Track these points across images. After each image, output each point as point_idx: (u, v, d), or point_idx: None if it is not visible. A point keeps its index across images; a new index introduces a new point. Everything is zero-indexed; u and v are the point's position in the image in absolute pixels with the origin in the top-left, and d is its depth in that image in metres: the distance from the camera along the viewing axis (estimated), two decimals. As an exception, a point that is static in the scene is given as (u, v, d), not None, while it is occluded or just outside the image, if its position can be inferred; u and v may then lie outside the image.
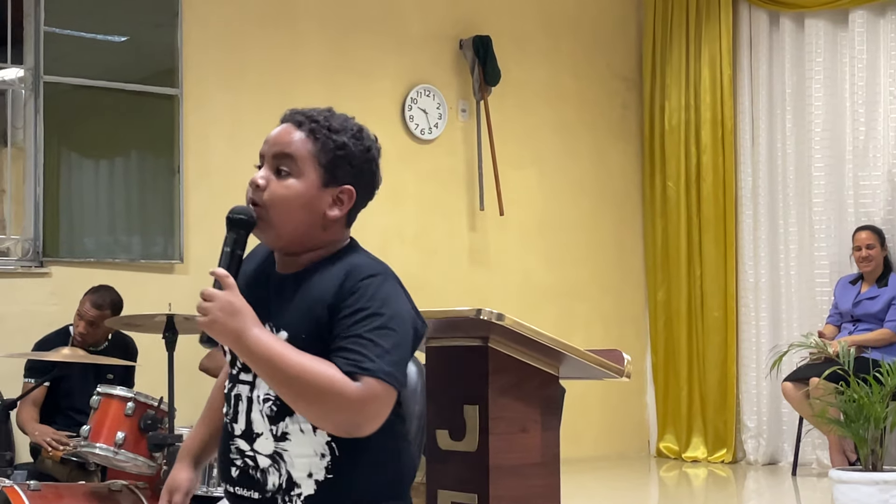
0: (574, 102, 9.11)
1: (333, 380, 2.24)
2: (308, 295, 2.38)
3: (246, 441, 2.44)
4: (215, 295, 2.29)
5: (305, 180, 2.40)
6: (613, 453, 8.98)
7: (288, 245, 2.44)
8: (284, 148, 2.42)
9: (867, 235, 7.74)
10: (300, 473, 2.39)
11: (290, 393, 2.29)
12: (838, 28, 8.39)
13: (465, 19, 8.60)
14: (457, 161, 8.54)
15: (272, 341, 2.29)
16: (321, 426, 2.33)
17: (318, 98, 7.90)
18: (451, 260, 8.46)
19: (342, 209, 2.45)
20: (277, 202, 2.39)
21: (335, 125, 2.47)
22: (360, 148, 2.48)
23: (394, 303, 2.35)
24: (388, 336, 2.30)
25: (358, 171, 2.47)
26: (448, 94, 8.51)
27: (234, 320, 2.28)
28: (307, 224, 2.41)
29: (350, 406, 2.24)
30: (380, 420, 2.29)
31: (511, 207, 8.59)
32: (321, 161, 2.41)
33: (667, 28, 9.17)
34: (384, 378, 2.26)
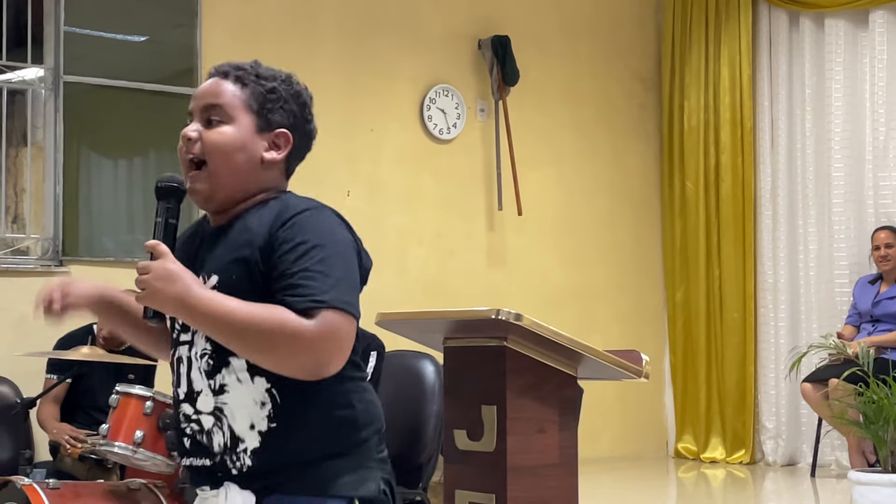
0: (592, 103, 9.10)
1: (286, 321, 2.14)
2: (238, 236, 2.30)
3: (189, 403, 2.33)
4: (150, 266, 2.21)
5: (239, 125, 2.35)
6: (631, 454, 8.96)
7: (225, 197, 2.35)
8: (213, 98, 2.37)
9: (886, 235, 7.72)
10: (242, 426, 2.26)
11: (244, 346, 2.19)
12: (858, 28, 8.36)
13: (483, 19, 8.60)
14: (475, 161, 8.54)
15: (215, 297, 2.20)
16: (285, 372, 2.19)
17: (336, 98, 7.92)
18: (469, 260, 8.46)
19: (279, 153, 2.38)
20: (214, 149, 2.34)
21: (262, 73, 2.45)
22: (290, 92, 2.44)
23: (334, 232, 2.29)
24: (336, 265, 2.22)
25: (291, 115, 2.41)
26: (467, 94, 8.51)
27: (173, 286, 2.19)
28: (246, 169, 2.35)
29: (310, 345, 2.14)
30: (345, 353, 2.19)
31: (529, 208, 8.59)
32: (253, 107, 2.38)
33: (686, 28, 9.15)
34: (341, 307, 2.17)
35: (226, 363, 2.27)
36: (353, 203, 7.97)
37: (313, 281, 2.18)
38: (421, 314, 3.35)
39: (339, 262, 2.24)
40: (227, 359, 2.27)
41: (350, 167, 7.99)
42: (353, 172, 8.00)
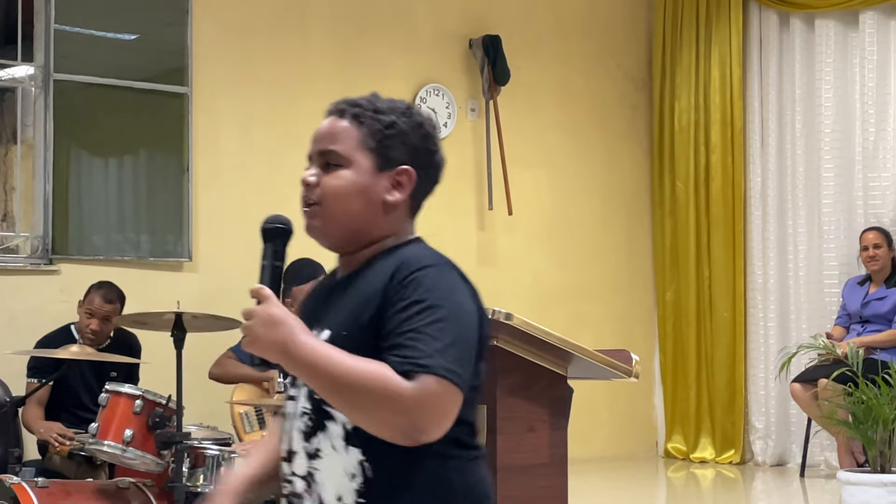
0: (583, 103, 9.11)
1: (385, 380, 2.00)
2: (357, 290, 2.19)
3: (287, 463, 2.23)
4: (254, 311, 2.10)
5: (357, 168, 2.23)
6: (621, 454, 8.97)
7: (347, 241, 2.25)
8: (328, 142, 2.27)
9: (874, 235, 7.74)
10: (329, 496, 2.15)
11: (341, 400, 2.07)
12: (849, 29, 8.38)
13: (474, 19, 8.60)
14: (466, 160, 8.54)
15: (318, 346, 2.08)
16: (382, 435, 2.05)
17: (327, 97, 7.87)
18: (459, 259, 8.29)
19: (403, 192, 2.26)
20: (331, 195, 2.22)
21: (380, 106, 2.28)
22: (410, 125, 2.28)
23: (454, 295, 2.13)
24: (448, 330, 2.05)
25: (413, 150, 2.28)
26: (457, 93, 8.51)
27: (275, 332, 2.07)
28: (366, 213, 2.23)
29: (407, 408, 2.00)
30: (445, 422, 2.04)
31: (520, 207, 8.59)
32: (370, 145, 2.24)
33: (677, 29, 9.17)
34: (443, 374, 2.01)
35: (323, 427, 2.17)
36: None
37: (420, 343, 2.03)
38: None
39: (451, 327, 2.07)
40: (325, 422, 2.17)
41: (341, 166, 7.98)
42: (343, 171, 7.99)
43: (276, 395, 4.65)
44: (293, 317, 2.11)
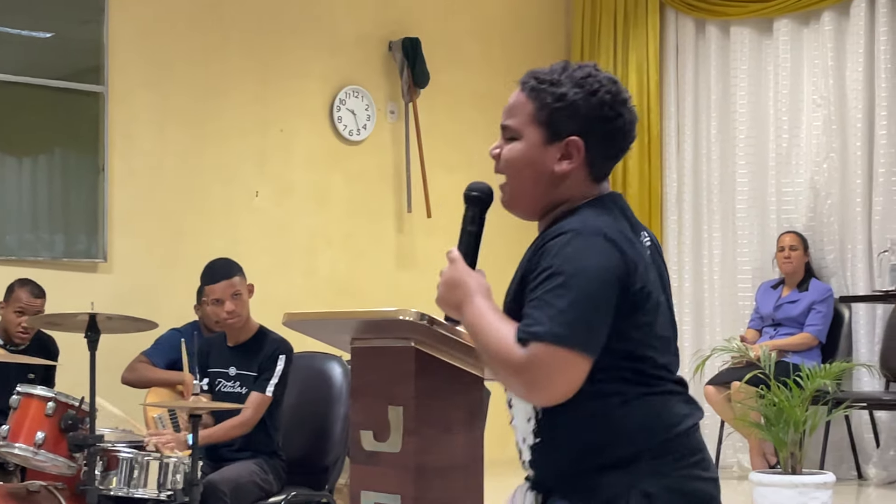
0: (502, 106, 9.04)
1: (505, 347, 2.20)
2: (524, 257, 2.40)
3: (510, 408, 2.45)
4: (442, 272, 2.39)
5: (526, 140, 2.40)
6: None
7: (530, 210, 2.46)
8: (507, 115, 2.45)
9: (791, 238, 7.86)
10: (520, 438, 2.40)
11: (483, 359, 2.31)
12: (763, 36, 8.50)
13: (394, 21, 8.60)
14: (385, 163, 8.53)
15: (484, 310, 2.29)
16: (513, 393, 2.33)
17: (246, 98, 7.87)
18: (378, 262, 8.45)
19: (571, 163, 2.37)
20: (507, 167, 2.45)
21: (557, 77, 2.40)
22: (581, 95, 2.36)
23: (580, 260, 2.23)
24: (565, 295, 2.19)
25: (584, 120, 2.35)
26: (377, 95, 8.50)
27: (454, 293, 2.34)
28: (535, 183, 2.41)
29: (517, 373, 2.18)
30: (558, 387, 2.19)
31: (439, 210, 8.60)
32: (540, 119, 2.38)
33: (595, 34, 9.23)
34: (552, 340, 2.16)
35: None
36: (261, 203, 7.93)
37: (537, 310, 2.20)
38: (327, 314, 3.35)
39: (570, 293, 2.20)
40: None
41: (259, 167, 7.95)
42: (262, 172, 7.96)
43: (192, 398, 4.60)
44: (475, 280, 2.36)
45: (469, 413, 3.14)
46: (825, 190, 8.09)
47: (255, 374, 4.96)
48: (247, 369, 4.99)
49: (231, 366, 5.02)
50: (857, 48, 7.96)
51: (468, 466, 3.13)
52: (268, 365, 4.93)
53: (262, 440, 4.94)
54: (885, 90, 7.81)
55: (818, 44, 8.20)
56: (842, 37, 8.10)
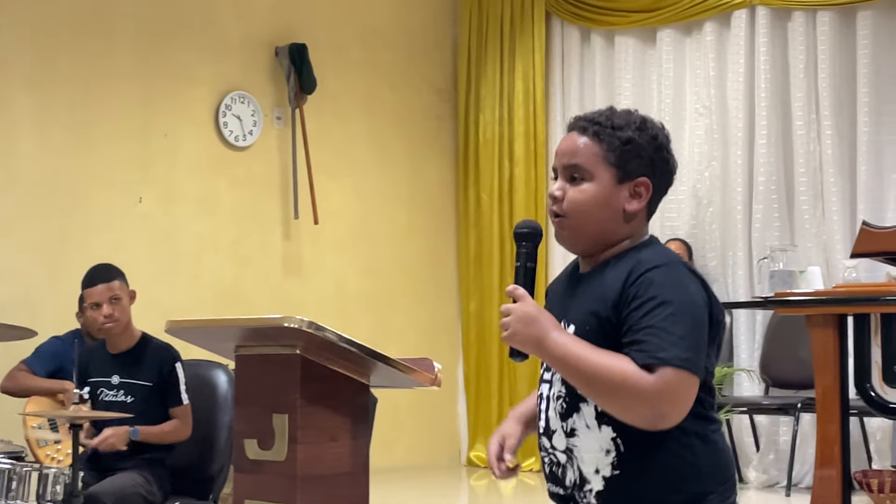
0: (390, 114, 9.14)
1: (627, 374, 2.31)
2: (596, 289, 2.48)
3: (546, 438, 2.57)
4: (511, 309, 2.46)
5: (599, 181, 2.51)
6: (425, 463, 9.02)
7: (592, 246, 2.54)
8: (573, 157, 2.53)
9: (675, 246, 7.96)
10: (589, 469, 2.47)
11: (590, 390, 2.40)
12: (647, 46, 8.62)
13: (281, 27, 8.55)
14: (271, 169, 8.48)
15: (569, 342, 2.40)
16: (626, 420, 2.37)
17: (130, 102, 7.76)
18: (264, 269, 8.39)
19: (641, 202, 2.54)
20: (576, 207, 2.52)
21: (617, 122, 2.55)
22: (645, 138, 2.54)
23: (682, 289, 2.39)
24: (680, 323, 2.34)
25: (649, 162, 2.54)
26: (263, 101, 8.45)
27: (532, 328, 2.42)
28: (608, 221, 2.51)
29: (648, 399, 2.30)
30: (684, 408, 2.34)
31: (326, 217, 8.58)
32: (610, 160, 2.51)
33: (482, 42, 9.28)
34: (680, 365, 2.30)
35: (577, 409, 2.49)
36: (145, 209, 7.82)
37: (656, 338, 2.33)
38: (211, 321, 3.31)
39: (684, 320, 2.35)
40: (578, 404, 2.48)
41: (143, 173, 7.84)
42: (146, 178, 7.85)
43: (72, 407, 4.52)
44: (547, 314, 2.45)
45: (355, 421, 3.13)
46: (707, 198, 8.22)
47: (143, 382, 4.89)
48: (131, 377, 4.92)
49: (114, 374, 4.95)
50: (738, 58, 8.11)
51: (354, 474, 3.12)
52: (167, 377, 4.89)
53: (146, 450, 4.88)
54: (765, 100, 7.97)
55: (700, 54, 8.34)
56: (723, 47, 8.25)
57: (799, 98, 7.88)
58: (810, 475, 6.40)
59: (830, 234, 7.73)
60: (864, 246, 5.06)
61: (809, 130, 7.86)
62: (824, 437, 4.82)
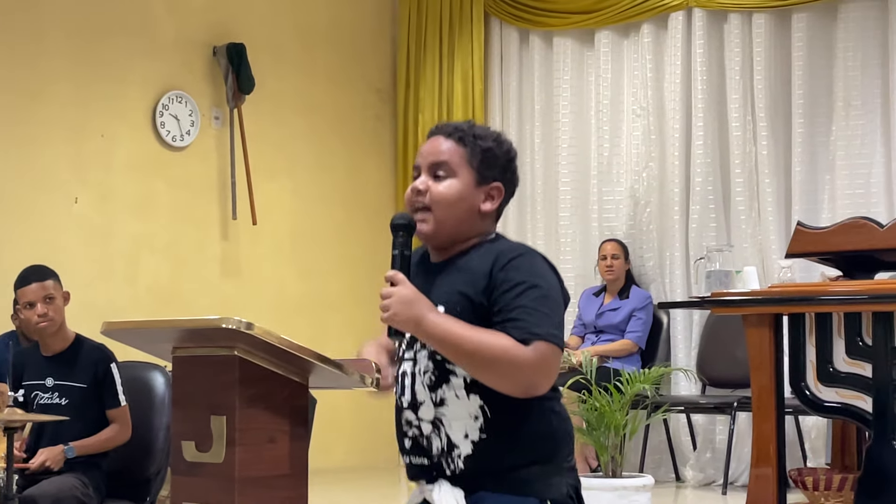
0: (328, 114, 9.12)
1: (506, 347, 2.59)
2: (462, 273, 2.75)
3: (412, 411, 2.80)
4: (391, 292, 2.68)
5: (462, 180, 2.79)
6: (364, 464, 9.00)
7: (448, 239, 2.80)
8: (440, 156, 2.80)
9: (612, 246, 8.02)
10: (458, 435, 2.72)
11: (470, 364, 2.65)
12: (585, 47, 8.66)
13: (218, 26, 8.50)
14: (209, 169, 8.43)
15: (447, 322, 2.65)
16: (502, 389, 2.63)
17: (64, 102, 7.68)
18: (202, 270, 8.34)
19: (494, 203, 2.82)
20: (441, 200, 2.78)
21: (478, 132, 2.83)
22: (501, 150, 2.84)
23: (545, 274, 2.70)
24: (547, 303, 2.65)
25: (502, 170, 2.84)
26: (201, 101, 8.40)
27: (411, 309, 2.66)
28: (466, 217, 2.79)
29: (527, 368, 2.59)
30: (552, 378, 2.65)
31: (264, 217, 8.54)
32: (472, 164, 2.79)
33: (420, 42, 9.29)
34: (551, 339, 2.61)
35: (446, 380, 2.74)
36: (81, 210, 7.75)
37: (529, 316, 2.62)
38: (147, 323, 3.28)
39: (549, 302, 2.66)
40: (448, 377, 2.73)
41: (79, 173, 7.76)
42: (82, 179, 7.78)
43: (7, 410, 4.47)
44: (423, 297, 2.67)
45: (293, 422, 3.11)
46: (644, 198, 8.28)
47: (77, 384, 4.85)
48: (65, 379, 4.87)
49: (48, 377, 4.90)
50: (675, 60, 8.17)
51: (292, 476, 3.11)
52: (103, 379, 4.85)
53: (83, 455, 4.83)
54: (702, 101, 8.04)
55: (638, 55, 8.40)
56: (660, 48, 8.31)
57: (735, 100, 7.96)
58: (746, 473, 6.47)
59: (766, 234, 7.81)
60: (798, 246, 5.12)
61: (745, 132, 7.94)
62: (760, 435, 4.87)
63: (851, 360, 4.64)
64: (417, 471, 2.81)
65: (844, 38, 7.70)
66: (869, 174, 7.58)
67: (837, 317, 4.68)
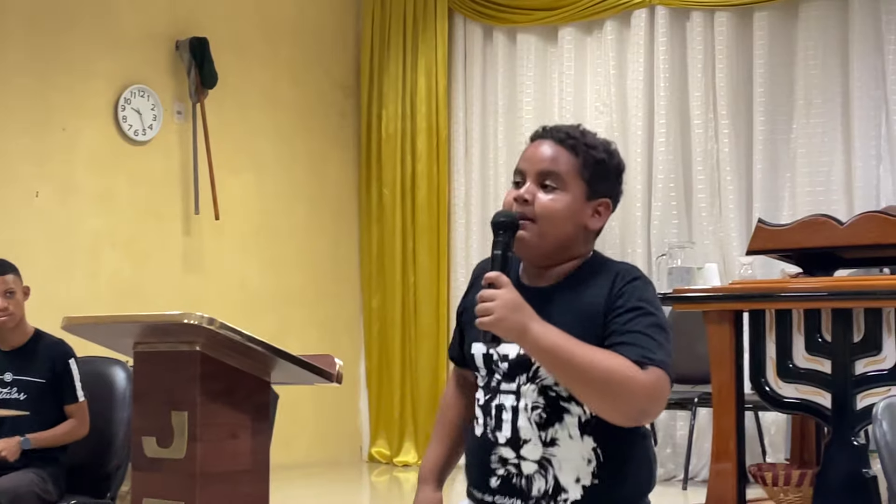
0: (292, 109, 9.10)
1: (624, 368, 2.37)
2: (577, 299, 2.52)
3: (511, 449, 2.55)
4: (496, 294, 2.39)
5: (571, 193, 2.55)
6: (326, 459, 9.00)
7: (552, 255, 2.57)
8: (551, 165, 2.55)
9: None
10: (568, 478, 2.51)
11: (579, 383, 2.40)
12: (548, 44, 8.68)
13: (181, 20, 8.47)
14: (172, 164, 8.40)
15: (558, 334, 2.39)
16: (611, 416, 2.42)
17: (24, 95, 7.62)
18: (164, 265, 8.31)
19: (601, 221, 2.61)
20: (547, 214, 2.53)
21: (591, 141, 2.60)
22: (613, 163, 2.62)
23: (658, 303, 2.54)
24: (661, 332, 2.47)
25: (612, 185, 2.63)
26: (163, 95, 8.36)
27: (519, 315, 2.37)
28: (572, 235, 2.56)
29: (642, 392, 2.38)
30: (661, 408, 2.46)
31: (227, 212, 8.51)
32: (584, 176, 2.56)
33: (384, 38, 9.28)
34: (666, 368, 2.42)
35: (560, 419, 2.52)
36: (42, 204, 7.70)
37: (644, 341, 2.43)
38: (109, 318, 3.27)
39: (663, 331, 2.48)
40: (561, 415, 2.52)
41: (39, 167, 7.72)
42: (42, 173, 7.73)
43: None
44: (527, 304, 2.41)
45: (255, 418, 3.11)
46: (607, 195, 8.30)
47: (36, 379, 4.83)
48: (24, 374, 4.84)
49: (7, 371, 4.87)
50: (638, 57, 8.21)
51: (254, 472, 3.11)
52: (61, 374, 4.83)
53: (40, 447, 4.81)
54: (664, 98, 8.07)
55: (601, 52, 8.43)
56: (623, 46, 8.34)
57: (697, 97, 8.00)
58: (707, 469, 6.50)
59: (727, 231, 7.85)
60: (759, 243, 5.15)
61: (707, 129, 7.98)
62: (720, 431, 4.90)
63: (811, 357, 4.68)
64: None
65: (805, 36, 7.76)
66: (829, 172, 7.64)
67: (797, 313, 4.71)
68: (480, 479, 2.61)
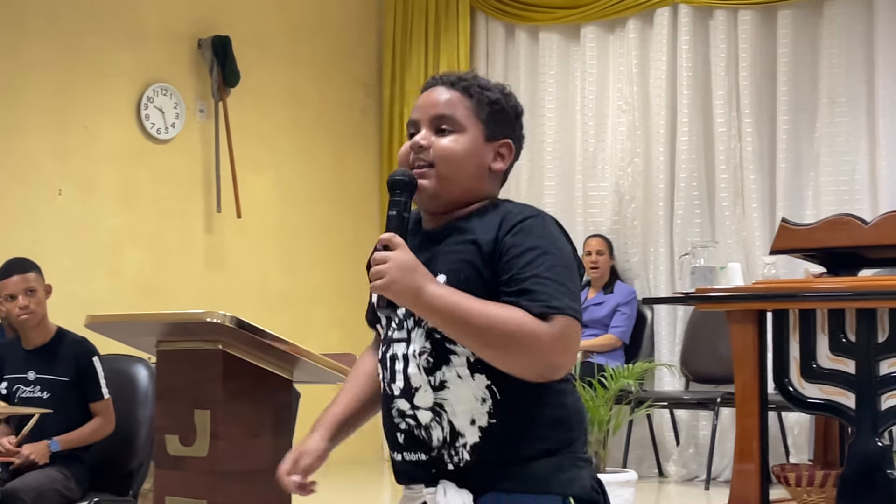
0: (313, 107, 9.10)
1: (524, 323, 2.20)
2: (465, 238, 2.35)
3: (405, 399, 2.36)
4: (388, 256, 2.25)
5: (470, 134, 2.42)
6: (347, 458, 8.94)
7: (452, 200, 2.42)
8: (444, 108, 2.42)
9: (597, 242, 8.02)
10: (462, 421, 2.31)
11: (480, 343, 2.24)
12: (570, 42, 8.66)
13: (204, 18, 8.48)
14: (194, 162, 8.41)
15: (451, 293, 2.24)
16: (518, 374, 2.25)
17: (47, 93, 7.64)
18: (186, 263, 8.32)
19: (504, 162, 2.47)
20: (447, 156, 2.39)
21: (483, 83, 2.47)
22: (510, 104, 2.49)
23: (559, 241, 2.34)
24: (563, 272, 2.28)
25: (512, 127, 2.49)
26: (186, 93, 8.37)
27: (412, 277, 2.23)
28: (474, 177, 2.43)
29: (546, 347, 2.21)
30: (574, 356, 2.29)
31: (249, 211, 8.51)
32: (481, 116, 2.43)
33: (406, 36, 9.28)
34: (572, 314, 2.24)
35: (446, 360, 2.32)
36: (64, 202, 7.72)
37: (545, 287, 2.24)
38: (132, 316, 3.28)
39: (565, 271, 2.29)
40: (447, 356, 2.32)
41: (62, 165, 7.73)
42: (65, 171, 7.75)
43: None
44: (421, 265, 2.26)
45: (276, 417, 3.12)
46: (629, 194, 8.28)
47: (59, 378, 4.84)
48: (47, 373, 4.85)
49: (29, 370, 4.88)
50: (661, 56, 8.18)
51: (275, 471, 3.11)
52: (85, 372, 4.83)
53: (66, 447, 4.83)
54: (687, 97, 8.04)
55: (623, 51, 8.40)
56: (646, 44, 8.31)
57: (720, 96, 7.96)
58: (729, 469, 6.48)
59: (750, 230, 7.82)
60: (783, 243, 5.13)
61: (730, 128, 7.95)
62: (743, 431, 4.88)
63: (835, 357, 4.66)
64: (412, 469, 2.39)
65: (829, 35, 7.72)
66: (853, 171, 7.60)
67: (821, 313, 4.69)
68: (390, 438, 2.44)
